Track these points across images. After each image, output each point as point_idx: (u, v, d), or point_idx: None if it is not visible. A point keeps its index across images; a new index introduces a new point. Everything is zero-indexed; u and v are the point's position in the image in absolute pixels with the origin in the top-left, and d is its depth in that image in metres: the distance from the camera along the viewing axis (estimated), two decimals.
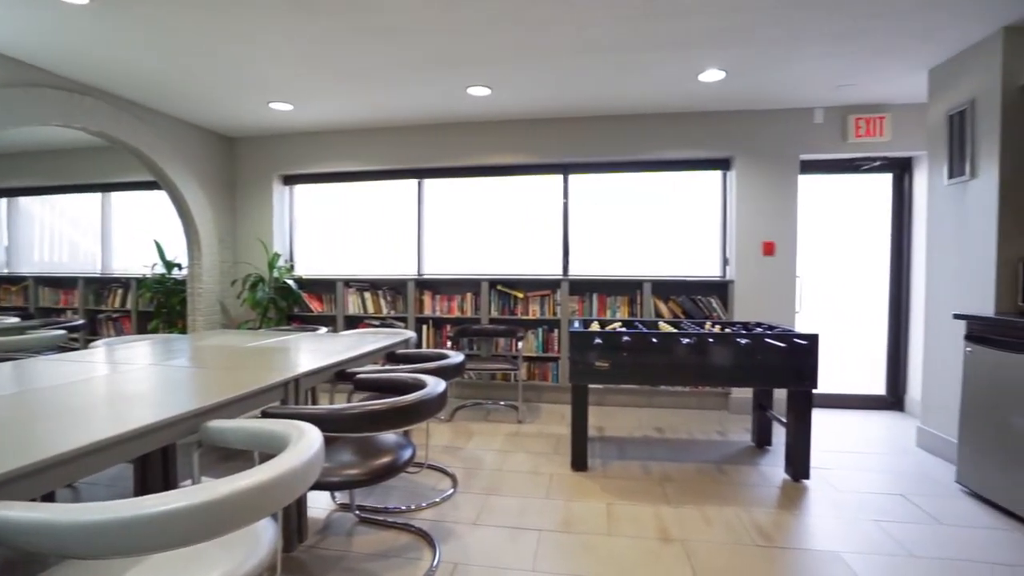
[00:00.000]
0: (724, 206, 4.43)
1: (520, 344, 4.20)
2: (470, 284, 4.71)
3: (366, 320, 4.84)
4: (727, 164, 4.38)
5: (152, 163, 4.20)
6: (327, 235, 5.13)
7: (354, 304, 4.89)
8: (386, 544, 2.16)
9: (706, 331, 2.95)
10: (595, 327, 3.30)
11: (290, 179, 5.14)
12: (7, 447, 1.08)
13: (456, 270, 4.83)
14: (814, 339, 2.78)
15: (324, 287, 4.99)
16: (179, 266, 5.03)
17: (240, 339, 2.84)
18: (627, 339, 2.91)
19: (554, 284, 4.52)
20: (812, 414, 2.82)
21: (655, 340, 2.89)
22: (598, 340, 2.91)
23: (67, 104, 3.48)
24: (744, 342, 2.82)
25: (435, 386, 1.79)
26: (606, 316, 4.42)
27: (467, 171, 4.75)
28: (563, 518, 2.39)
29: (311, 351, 2.45)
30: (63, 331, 3.09)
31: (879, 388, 4.36)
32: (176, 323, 4.92)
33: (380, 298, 4.86)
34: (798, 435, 2.81)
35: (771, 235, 4.19)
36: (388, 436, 2.06)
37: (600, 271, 4.58)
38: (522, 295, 4.58)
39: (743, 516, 2.41)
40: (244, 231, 5.09)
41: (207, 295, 4.72)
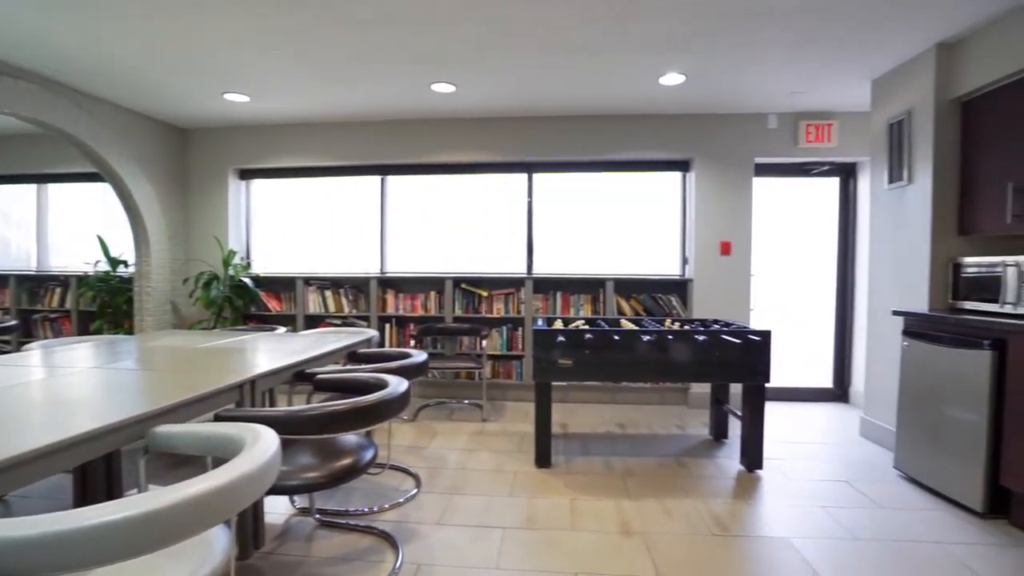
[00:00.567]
0: (684, 207, 4.56)
1: (484, 343, 4.20)
2: (434, 282, 4.67)
3: (327, 319, 4.73)
4: (686, 166, 4.51)
5: (94, 154, 3.95)
6: (287, 232, 4.97)
7: (315, 303, 4.77)
8: (347, 547, 2.12)
9: (666, 328, 3.03)
10: (559, 325, 3.34)
11: (247, 173, 4.95)
12: None
13: (420, 268, 4.78)
14: (767, 335, 2.90)
15: (283, 285, 4.84)
16: (125, 263, 4.76)
17: (192, 340, 2.72)
18: (590, 337, 2.95)
19: (518, 282, 4.54)
20: (765, 407, 2.95)
21: (617, 338, 2.95)
22: (561, 338, 2.95)
23: None
24: (702, 339, 2.91)
25: (397, 386, 1.76)
26: (570, 314, 4.47)
27: (431, 168, 4.70)
28: (527, 515, 2.41)
29: (269, 351, 2.38)
30: None
31: (827, 381, 4.59)
32: (122, 324, 4.65)
33: (342, 297, 4.75)
34: (752, 428, 2.93)
35: (728, 235, 4.34)
36: (349, 437, 2.01)
37: (564, 270, 4.63)
38: (486, 293, 4.58)
39: (701, 507, 2.49)
40: (197, 227, 4.87)
41: (156, 294, 4.49)
